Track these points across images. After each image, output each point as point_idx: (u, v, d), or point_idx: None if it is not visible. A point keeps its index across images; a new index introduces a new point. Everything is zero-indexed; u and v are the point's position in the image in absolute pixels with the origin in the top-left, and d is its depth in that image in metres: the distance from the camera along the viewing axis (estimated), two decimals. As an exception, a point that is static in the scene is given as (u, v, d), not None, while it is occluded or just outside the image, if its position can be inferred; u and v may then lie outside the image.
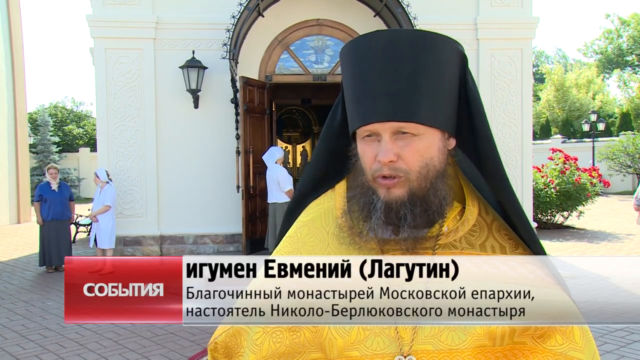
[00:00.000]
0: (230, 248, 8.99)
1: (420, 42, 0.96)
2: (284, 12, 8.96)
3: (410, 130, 0.94)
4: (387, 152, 0.94)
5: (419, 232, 0.98)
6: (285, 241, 1.13)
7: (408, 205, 0.95)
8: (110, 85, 8.72)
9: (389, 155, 0.94)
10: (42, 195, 8.39)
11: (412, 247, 0.98)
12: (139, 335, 5.25)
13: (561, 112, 33.19)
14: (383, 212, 0.96)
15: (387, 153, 0.94)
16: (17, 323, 5.76)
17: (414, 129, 0.94)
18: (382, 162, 0.94)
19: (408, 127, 0.94)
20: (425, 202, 0.96)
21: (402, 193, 0.96)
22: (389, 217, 0.96)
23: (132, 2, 8.76)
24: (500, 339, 0.94)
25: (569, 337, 0.95)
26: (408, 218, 0.95)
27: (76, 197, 22.97)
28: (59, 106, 33.34)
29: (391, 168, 0.95)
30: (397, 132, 0.95)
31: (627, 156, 22.22)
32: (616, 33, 41.47)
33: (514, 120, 9.28)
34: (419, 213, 0.96)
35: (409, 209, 0.95)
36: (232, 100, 8.69)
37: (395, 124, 0.94)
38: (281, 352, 1.01)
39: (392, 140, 0.95)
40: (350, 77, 1.01)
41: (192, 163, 8.93)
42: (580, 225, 12.92)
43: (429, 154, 0.96)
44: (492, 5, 9.22)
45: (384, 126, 0.94)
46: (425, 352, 0.94)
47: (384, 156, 0.94)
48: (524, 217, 1.03)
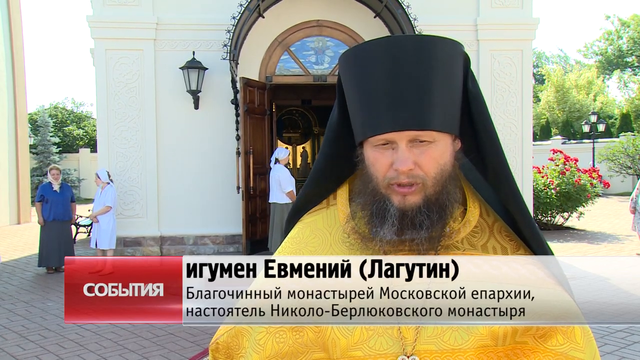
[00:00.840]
0: (231, 249, 8.99)
1: (425, 47, 0.95)
2: (284, 13, 8.97)
3: (426, 138, 0.95)
4: (406, 161, 0.94)
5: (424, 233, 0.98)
6: (288, 242, 1.14)
7: (425, 212, 0.95)
8: (111, 86, 8.73)
9: (407, 163, 0.94)
10: (44, 195, 8.39)
11: (424, 248, 0.97)
12: (139, 335, 5.25)
13: (561, 113, 33.19)
14: (397, 218, 0.96)
15: (405, 162, 0.94)
16: (17, 324, 5.76)
17: (430, 137, 0.95)
18: (401, 170, 0.94)
19: (424, 135, 0.94)
20: (440, 207, 0.97)
21: (418, 200, 0.96)
22: (404, 224, 0.96)
23: (132, 3, 8.76)
24: (502, 339, 0.95)
25: (570, 337, 0.95)
26: (425, 224, 0.95)
27: (76, 197, 23.00)
28: (59, 107, 33.35)
29: (409, 176, 0.94)
30: (413, 140, 0.95)
31: (627, 157, 22.20)
32: (616, 34, 41.48)
33: (514, 121, 9.29)
34: (435, 219, 0.96)
35: (425, 215, 0.95)
36: (233, 101, 8.69)
37: (412, 133, 0.94)
38: (284, 352, 1.01)
39: (409, 148, 0.95)
40: (356, 85, 1.00)
41: (192, 164, 8.93)
42: (580, 226, 12.92)
43: (444, 160, 0.97)
44: (492, 6, 9.22)
45: (401, 135, 0.94)
46: (428, 352, 0.95)
47: (403, 165, 0.94)
48: (529, 217, 1.03)
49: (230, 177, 8.84)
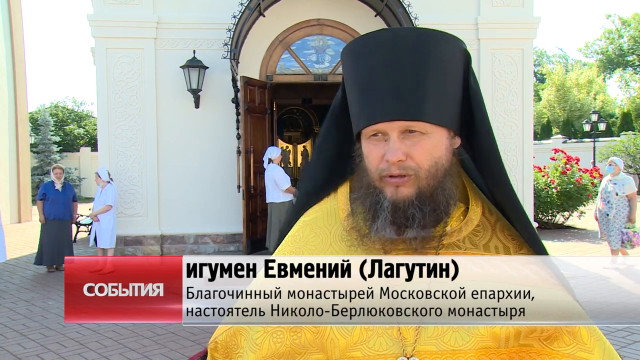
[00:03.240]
0: (231, 248, 8.99)
1: (424, 41, 0.95)
2: (284, 11, 8.96)
3: (418, 129, 0.94)
4: (396, 151, 0.93)
5: (424, 231, 0.97)
6: (288, 240, 1.13)
7: (417, 204, 0.94)
8: (111, 85, 8.73)
9: (397, 154, 0.93)
10: (46, 194, 8.41)
11: (420, 247, 0.97)
12: (139, 334, 5.25)
13: (562, 112, 33.16)
14: (390, 211, 0.95)
15: (395, 152, 0.93)
16: (18, 322, 5.76)
17: (422, 128, 0.94)
18: (391, 161, 0.93)
19: (416, 125, 0.94)
20: (433, 201, 0.95)
21: (411, 192, 0.95)
22: (397, 217, 0.95)
23: (133, 2, 8.76)
24: (504, 341, 0.94)
25: (577, 337, 0.94)
26: (417, 217, 0.94)
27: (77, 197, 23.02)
28: (59, 106, 33.36)
29: (400, 167, 0.94)
30: (405, 131, 0.94)
31: (628, 156, 22.18)
32: (617, 33, 41.41)
33: (514, 120, 9.28)
34: (428, 212, 0.95)
35: (417, 208, 0.94)
36: (233, 100, 8.69)
37: (403, 123, 0.93)
38: (281, 353, 1.00)
39: (400, 140, 0.94)
40: (354, 77, 1.00)
41: (192, 163, 8.93)
42: (581, 226, 12.91)
43: (437, 153, 0.96)
44: (493, 5, 9.21)
45: (392, 125, 0.94)
46: (428, 353, 0.94)
47: (393, 155, 0.93)
48: (525, 217, 1.02)
49: (231, 176, 8.84)
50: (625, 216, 7.78)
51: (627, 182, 7.87)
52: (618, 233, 7.75)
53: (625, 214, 7.78)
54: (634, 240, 7.65)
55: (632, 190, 7.84)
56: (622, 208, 7.80)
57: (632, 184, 7.95)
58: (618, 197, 7.81)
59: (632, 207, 7.78)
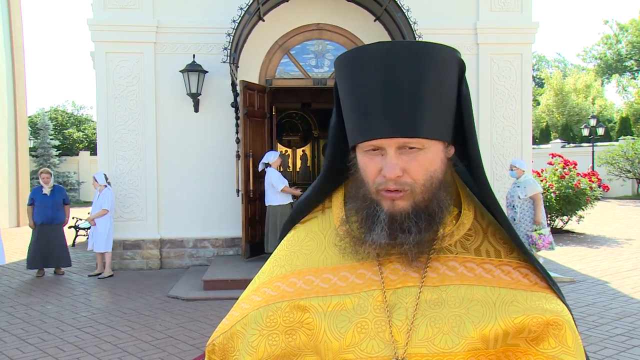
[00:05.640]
0: (230, 252, 8.98)
1: (420, 54, 0.95)
2: (284, 16, 8.99)
3: (415, 145, 0.94)
4: (394, 168, 0.94)
5: (418, 236, 0.98)
6: (283, 244, 1.15)
7: (413, 218, 0.96)
8: (111, 89, 8.74)
9: (395, 170, 0.93)
10: (34, 199, 8.39)
11: (413, 251, 0.98)
12: (138, 339, 5.24)
13: (560, 116, 33.22)
14: (387, 223, 0.96)
15: (393, 168, 0.93)
16: (16, 326, 5.75)
17: (419, 144, 0.94)
18: (388, 177, 0.94)
19: (413, 142, 0.94)
20: (429, 214, 0.97)
21: (407, 205, 0.96)
22: (393, 229, 0.96)
23: (132, 6, 8.78)
24: (493, 342, 0.95)
25: (562, 340, 0.96)
26: (413, 231, 0.96)
27: (76, 200, 22.96)
28: (59, 110, 33.35)
29: (397, 183, 0.94)
30: (402, 147, 0.94)
31: (627, 161, 22.24)
32: (615, 38, 41.54)
33: (513, 124, 9.30)
34: (424, 226, 0.96)
35: (414, 221, 0.96)
36: (232, 104, 8.70)
37: (400, 140, 0.94)
38: (277, 355, 1.02)
39: (397, 155, 0.94)
40: (349, 90, 0.99)
41: (192, 167, 8.94)
42: (579, 230, 12.92)
43: (433, 167, 0.97)
44: (491, 10, 9.24)
45: (390, 142, 0.94)
46: (419, 355, 0.95)
47: (391, 172, 0.93)
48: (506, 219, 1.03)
49: (230, 180, 8.84)
50: (530, 219, 7.45)
51: (529, 184, 7.47)
52: (525, 237, 7.34)
53: (530, 216, 7.46)
54: (538, 244, 7.25)
55: (535, 191, 7.44)
56: (527, 211, 7.48)
57: (535, 185, 7.53)
58: (521, 200, 7.45)
59: (537, 209, 7.40)
